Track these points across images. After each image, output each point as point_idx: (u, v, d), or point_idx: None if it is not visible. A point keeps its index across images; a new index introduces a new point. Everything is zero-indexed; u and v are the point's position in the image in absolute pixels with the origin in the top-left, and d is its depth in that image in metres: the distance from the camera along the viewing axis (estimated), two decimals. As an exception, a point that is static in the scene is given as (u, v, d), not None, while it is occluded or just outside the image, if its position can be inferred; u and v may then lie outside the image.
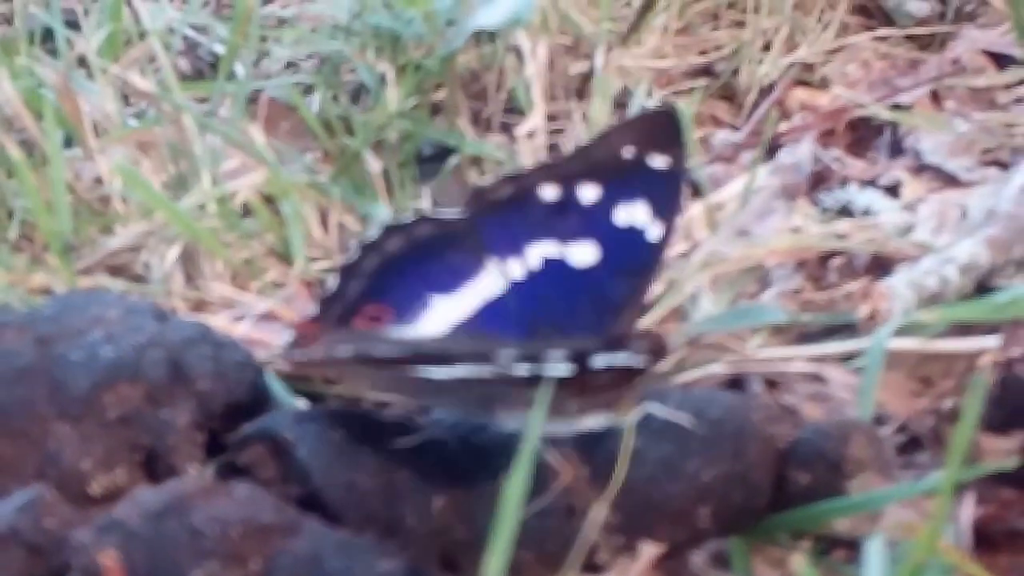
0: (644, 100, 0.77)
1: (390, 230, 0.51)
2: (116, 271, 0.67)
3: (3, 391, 0.50)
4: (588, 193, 0.51)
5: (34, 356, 0.50)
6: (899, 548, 0.45)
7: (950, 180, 0.69)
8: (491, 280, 0.51)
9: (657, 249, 0.51)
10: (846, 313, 0.59)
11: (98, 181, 0.71)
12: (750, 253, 0.61)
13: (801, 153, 0.71)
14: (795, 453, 0.48)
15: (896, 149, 0.74)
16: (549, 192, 0.51)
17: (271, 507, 0.44)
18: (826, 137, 0.76)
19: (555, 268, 0.51)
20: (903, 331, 0.55)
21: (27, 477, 0.49)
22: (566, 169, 0.51)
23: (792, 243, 0.62)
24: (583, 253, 0.51)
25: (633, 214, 0.51)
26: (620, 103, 0.78)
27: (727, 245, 0.62)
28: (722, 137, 0.76)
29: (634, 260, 0.51)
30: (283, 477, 0.47)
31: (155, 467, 0.50)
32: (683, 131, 0.51)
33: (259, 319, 0.59)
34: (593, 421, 0.47)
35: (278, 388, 0.54)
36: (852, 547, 0.48)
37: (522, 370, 0.45)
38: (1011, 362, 0.51)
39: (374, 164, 0.70)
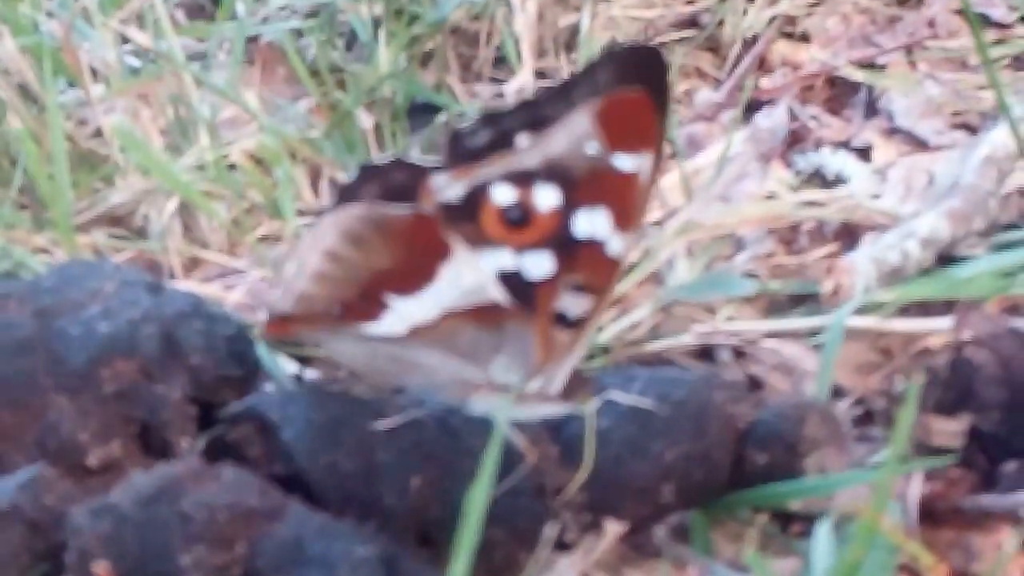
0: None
1: (366, 173, 0.50)
2: (116, 222, 0.70)
3: (4, 362, 0.52)
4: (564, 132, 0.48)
5: (34, 328, 0.52)
6: (849, 526, 0.48)
7: (919, 144, 0.72)
8: None
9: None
10: (812, 282, 0.62)
11: (98, 132, 0.73)
12: (724, 221, 0.64)
13: (778, 116, 0.73)
14: (754, 433, 0.51)
15: (871, 108, 0.76)
16: (525, 140, 0.48)
17: (256, 491, 0.46)
18: (805, 92, 0.78)
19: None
20: (863, 308, 0.58)
21: (27, 446, 0.51)
22: (546, 111, 0.49)
23: (765, 212, 0.65)
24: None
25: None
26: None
27: (702, 212, 0.64)
28: (704, 96, 0.78)
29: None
30: (269, 456, 0.50)
31: (149, 440, 0.52)
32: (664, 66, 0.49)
33: (252, 286, 0.62)
34: (554, 409, 0.49)
35: (268, 360, 0.56)
36: (808, 520, 0.51)
37: (503, 261, 0.47)
38: (961, 345, 0.53)
39: (366, 120, 0.72)
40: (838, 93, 0.78)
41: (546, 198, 0.48)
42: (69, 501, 0.48)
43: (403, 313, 0.49)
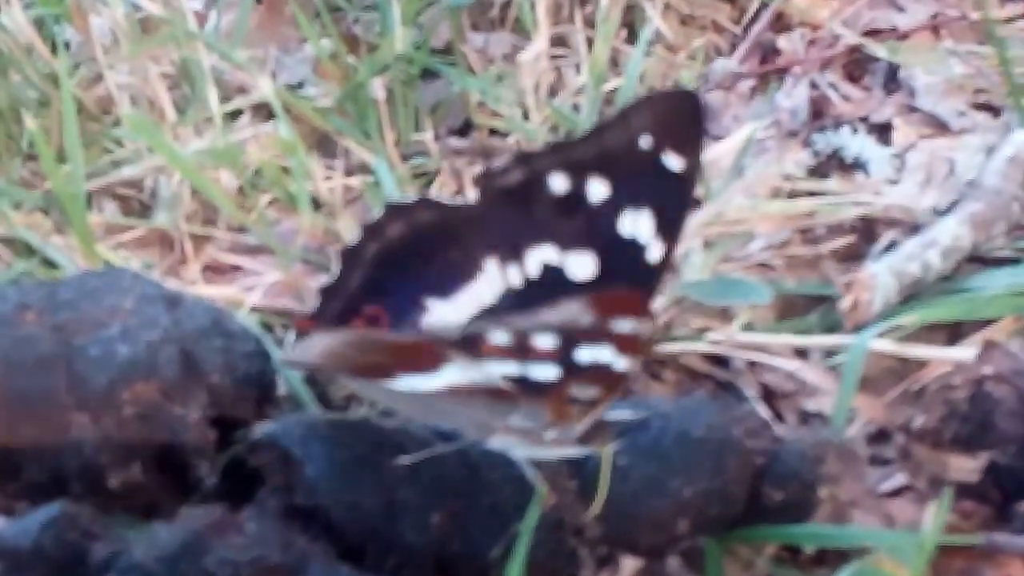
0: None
1: (392, 212, 0.51)
2: (126, 185, 0.69)
3: (25, 377, 0.51)
4: (597, 188, 0.49)
5: (53, 345, 0.52)
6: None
7: (940, 126, 0.71)
8: (488, 284, 0.52)
9: (655, 271, 0.50)
10: (829, 283, 0.61)
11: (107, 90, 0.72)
12: (742, 217, 0.63)
13: (799, 95, 0.72)
14: (772, 471, 0.51)
15: (891, 78, 0.75)
16: (559, 182, 0.49)
17: (279, 545, 0.46)
18: (825, 58, 0.77)
19: (552, 277, 0.51)
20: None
21: (46, 460, 0.51)
22: (578, 154, 0.49)
23: (784, 209, 0.64)
24: (582, 263, 0.50)
25: (638, 225, 0.49)
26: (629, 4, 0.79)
27: (723, 206, 0.64)
28: (720, 64, 0.77)
29: (632, 276, 0.50)
30: (289, 485, 0.50)
31: (168, 463, 0.52)
32: (701, 119, 0.49)
33: (269, 289, 0.61)
34: (573, 451, 0.48)
35: (290, 377, 0.56)
36: (819, 550, 0.52)
37: (507, 370, 0.45)
38: (982, 379, 0.53)
39: (379, 89, 0.71)
40: (859, 59, 0.77)
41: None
42: (91, 536, 0.48)
43: (416, 382, 0.48)
